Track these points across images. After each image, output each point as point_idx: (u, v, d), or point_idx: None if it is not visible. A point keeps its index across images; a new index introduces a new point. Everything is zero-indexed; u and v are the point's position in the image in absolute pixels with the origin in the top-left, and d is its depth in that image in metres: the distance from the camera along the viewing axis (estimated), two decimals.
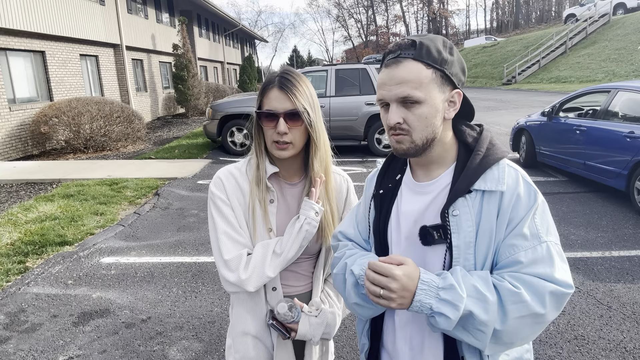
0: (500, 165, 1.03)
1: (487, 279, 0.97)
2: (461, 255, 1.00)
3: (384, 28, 61.71)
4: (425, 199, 1.08)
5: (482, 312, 0.93)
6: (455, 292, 0.93)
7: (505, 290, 0.95)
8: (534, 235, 0.98)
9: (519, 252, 0.98)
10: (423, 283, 0.94)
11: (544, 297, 0.95)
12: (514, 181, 1.02)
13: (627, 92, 5.74)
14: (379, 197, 1.17)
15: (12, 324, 3.28)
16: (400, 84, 0.99)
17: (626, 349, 2.81)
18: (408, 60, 0.99)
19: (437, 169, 1.09)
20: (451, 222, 1.00)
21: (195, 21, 23.16)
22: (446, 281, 0.95)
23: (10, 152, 9.64)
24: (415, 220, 1.07)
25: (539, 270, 0.96)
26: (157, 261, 4.36)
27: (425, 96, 0.99)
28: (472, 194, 1.01)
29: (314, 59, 65.64)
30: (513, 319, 0.94)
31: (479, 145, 1.06)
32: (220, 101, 10.57)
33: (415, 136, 1.01)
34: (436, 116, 1.01)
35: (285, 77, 1.29)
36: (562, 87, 21.13)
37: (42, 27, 10.58)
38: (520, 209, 0.99)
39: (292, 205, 1.39)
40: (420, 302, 0.94)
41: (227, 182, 1.36)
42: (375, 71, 9.37)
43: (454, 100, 1.04)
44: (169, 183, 7.33)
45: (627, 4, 28.35)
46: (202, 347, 2.98)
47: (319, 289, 1.43)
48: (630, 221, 5.06)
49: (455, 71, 1.02)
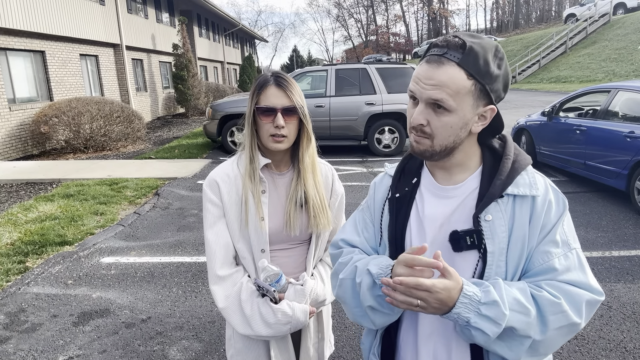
0: (529, 172, 1.01)
1: (526, 290, 0.94)
2: (494, 262, 0.96)
3: (384, 28, 61.67)
4: (451, 203, 1.04)
5: (524, 326, 0.90)
6: (498, 309, 0.89)
7: (545, 300, 0.92)
8: (564, 242, 0.97)
9: (553, 259, 0.96)
10: (465, 296, 0.89)
11: (581, 306, 0.93)
12: (544, 187, 1.00)
13: (627, 92, 5.74)
14: (394, 201, 1.10)
15: (12, 324, 3.28)
16: (435, 86, 0.93)
17: (626, 349, 2.81)
18: (452, 64, 0.93)
19: (460, 173, 1.05)
20: (484, 227, 0.97)
21: (195, 21, 23.15)
22: (489, 296, 0.90)
23: (10, 152, 9.64)
24: (442, 225, 1.03)
25: (573, 277, 0.95)
26: (157, 261, 4.36)
27: (457, 106, 0.94)
28: (504, 198, 0.98)
29: (314, 59, 65.67)
30: (553, 329, 0.92)
31: (508, 150, 1.03)
32: (220, 101, 10.56)
33: (435, 142, 0.98)
34: (462, 128, 0.97)
35: (280, 76, 1.40)
36: (562, 87, 21.12)
37: (42, 27, 10.58)
38: (552, 215, 0.98)
39: (282, 193, 1.47)
40: (458, 314, 0.90)
41: (222, 184, 1.43)
42: (375, 71, 9.37)
43: (485, 115, 1.00)
44: (169, 183, 7.33)
45: (627, 3, 28.33)
46: (202, 347, 2.98)
47: (309, 270, 1.51)
48: (630, 221, 5.05)
49: (496, 87, 0.97)
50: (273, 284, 1.37)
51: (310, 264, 1.51)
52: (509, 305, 0.90)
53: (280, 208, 1.45)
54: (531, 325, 0.91)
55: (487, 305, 0.89)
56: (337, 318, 3.26)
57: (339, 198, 1.56)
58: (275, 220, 1.44)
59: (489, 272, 0.97)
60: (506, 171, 0.99)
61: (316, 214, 1.44)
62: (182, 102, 18.03)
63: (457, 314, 0.90)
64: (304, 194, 1.43)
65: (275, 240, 1.44)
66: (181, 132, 14.10)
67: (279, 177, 1.48)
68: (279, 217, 1.44)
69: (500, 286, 0.92)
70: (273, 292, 1.37)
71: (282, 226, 1.44)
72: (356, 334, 3.09)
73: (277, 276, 1.38)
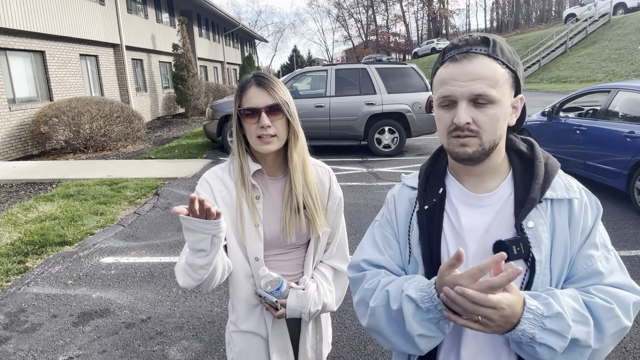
0: (561, 174, 0.99)
1: (578, 298, 0.90)
2: (541, 270, 0.92)
3: (384, 28, 61.67)
4: (487, 212, 0.99)
5: (585, 336, 0.86)
6: (563, 321, 0.84)
7: (599, 307, 0.88)
8: (602, 245, 0.95)
9: (596, 263, 0.93)
10: (529, 311, 0.84)
11: (629, 309, 0.91)
12: (577, 190, 0.98)
13: (627, 92, 5.74)
14: (424, 214, 1.03)
15: (12, 324, 3.28)
16: (475, 79, 0.90)
17: (626, 349, 2.81)
18: (481, 57, 0.91)
19: (491, 180, 1.01)
20: (529, 235, 0.93)
21: (195, 21, 23.15)
22: (551, 309, 0.85)
23: (10, 152, 9.64)
24: (482, 236, 0.97)
25: (617, 280, 0.93)
26: (157, 261, 4.36)
27: (500, 96, 0.92)
28: (542, 204, 0.95)
29: (314, 59, 65.67)
30: (608, 336, 0.88)
31: (538, 153, 1.00)
32: (220, 101, 10.56)
33: (485, 138, 0.93)
34: (505, 120, 0.95)
35: (260, 75, 1.37)
36: (562, 87, 21.13)
37: (42, 27, 10.58)
38: (589, 217, 0.96)
39: (277, 199, 1.44)
40: (522, 331, 0.83)
41: (213, 182, 1.41)
42: (375, 71, 9.37)
43: (516, 106, 0.99)
44: (168, 183, 7.33)
45: (627, 3, 28.34)
46: (202, 347, 2.98)
47: (309, 274, 1.49)
48: (630, 221, 5.05)
49: (521, 75, 0.98)
50: (274, 292, 1.35)
51: (310, 267, 1.48)
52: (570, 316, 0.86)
53: (275, 214, 1.42)
54: (591, 334, 0.87)
55: (550, 318, 0.84)
56: (337, 318, 3.26)
57: (337, 201, 1.52)
58: (271, 226, 1.41)
59: (536, 282, 0.92)
60: (542, 175, 0.97)
61: (311, 216, 1.41)
62: (182, 102, 18.03)
63: (522, 331, 0.83)
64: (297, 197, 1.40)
65: (271, 245, 1.42)
66: (181, 132, 14.10)
67: (273, 183, 1.44)
68: (275, 223, 1.41)
69: (558, 297, 0.87)
70: (275, 302, 1.35)
71: (279, 232, 1.41)
72: (356, 334, 3.09)
73: (279, 283, 1.36)
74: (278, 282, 1.36)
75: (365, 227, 5.05)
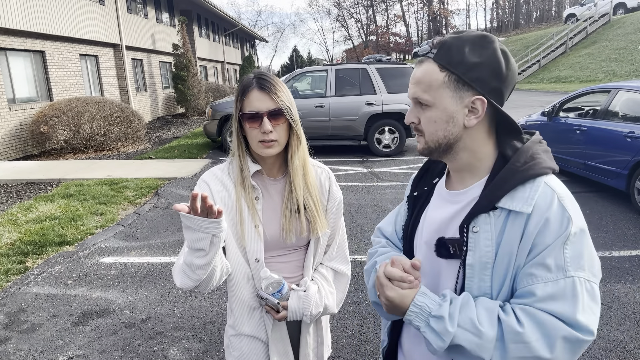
0: (536, 183, 0.91)
1: (493, 311, 0.89)
2: (476, 275, 0.93)
3: (384, 28, 61.67)
4: (452, 208, 1.01)
5: (473, 347, 0.87)
6: (443, 324, 0.89)
7: (507, 327, 0.87)
8: (559, 267, 0.87)
9: (536, 284, 0.88)
10: (415, 306, 0.93)
11: (554, 341, 0.84)
12: (546, 203, 0.89)
13: (627, 92, 5.74)
14: (413, 199, 1.15)
15: (12, 324, 3.28)
16: (414, 84, 0.98)
17: (626, 349, 2.81)
18: (428, 60, 0.96)
19: (470, 178, 1.01)
20: (470, 238, 0.93)
21: (195, 21, 23.16)
22: (440, 310, 0.90)
23: (10, 152, 9.64)
24: (438, 229, 1.02)
25: (554, 308, 0.86)
26: (157, 261, 4.36)
27: (433, 100, 0.94)
28: (497, 211, 0.92)
29: (314, 59, 65.64)
30: (513, 358, 0.86)
31: (516, 158, 0.94)
32: (220, 101, 10.56)
33: (427, 138, 0.99)
34: (449, 122, 0.95)
35: (262, 78, 1.33)
36: (562, 87, 21.13)
37: (42, 27, 10.58)
38: (547, 235, 0.87)
39: (277, 200, 1.42)
40: (410, 321, 0.94)
41: (212, 183, 1.40)
42: (375, 71, 9.37)
43: (475, 107, 0.94)
44: (168, 183, 7.33)
45: (627, 3, 28.35)
46: (202, 347, 2.98)
47: (309, 276, 1.47)
48: (630, 221, 5.05)
49: (477, 75, 0.92)
50: (275, 294, 1.34)
51: (310, 269, 1.47)
52: (460, 323, 0.88)
53: (275, 215, 1.40)
54: (483, 347, 0.87)
55: (435, 318, 0.90)
56: (337, 318, 3.26)
57: (337, 202, 1.51)
58: (271, 227, 1.39)
59: (469, 285, 0.94)
60: (501, 182, 0.92)
61: (312, 218, 1.40)
62: (182, 102, 18.03)
63: (409, 321, 0.94)
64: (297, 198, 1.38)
65: (271, 247, 1.41)
66: (181, 132, 14.10)
67: (273, 183, 1.43)
68: (275, 224, 1.40)
69: (457, 303, 0.91)
70: (277, 304, 1.34)
71: (279, 233, 1.39)
72: (356, 334, 3.09)
73: (280, 285, 1.34)
74: (279, 283, 1.34)
75: (366, 227, 5.06)
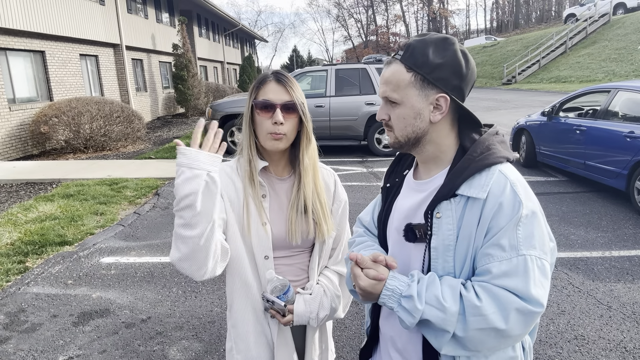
0: (491, 171, 1.00)
1: (456, 288, 0.98)
2: (439, 256, 1.03)
3: (384, 28, 61.68)
4: (418, 196, 1.10)
5: (439, 321, 0.96)
6: (412, 302, 0.98)
7: (467, 301, 0.96)
8: (512, 247, 0.95)
9: (492, 262, 0.96)
10: (387, 289, 1.01)
11: (508, 313, 0.93)
12: (499, 189, 0.98)
13: (627, 92, 5.74)
14: (386, 190, 1.23)
15: (12, 324, 3.28)
16: (384, 84, 1.06)
17: (626, 349, 2.81)
18: (396, 62, 1.04)
19: (434, 169, 1.10)
20: (434, 223, 1.03)
21: (195, 21, 23.16)
22: (409, 290, 0.99)
23: (10, 152, 9.64)
24: (406, 216, 1.11)
25: (508, 283, 0.94)
26: (157, 261, 4.36)
27: (401, 98, 1.03)
28: (457, 198, 1.01)
29: (314, 59, 65.60)
30: (473, 330, 0.95)
31: (473, 149, 1.03)
32: (220, 101, 10.56)
33: (396, 133, 1.07)
34: (416, 118, 1.04)
35: (280, 72, 1.38)
36: (562, 87, 21.12)
37: (42, 27, 10.58)
38: (500, 218, 0.96)
39: (283, 200, 1.41)
40: (383, 303, 1.02)
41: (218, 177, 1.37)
42: (375, 71, 9.38)
43: (440, 104, 1.02)
44: (168, 183, 7.33)
45: (627, 3, 28.33)
46: (202, 347, 2.98)
47: (314, 280, 1.45)
48: (630, 221, 5.05)
49: (440, 75, 1.00)
50: (281, 297, 1.32)
51: (315, 272, 1.45)
52: (426, 300, 0.97)
53: (281, 215, 1.39)
54: (447, 321, 0.96)
55: (405, 298, 0.99)
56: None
57: (342, 205, 1.51)
58: (277, 226, 1.38)
59: (435, 265, 1.03)
60: (460, 170, 1.01)
61: (318, 220, 1.39)
62: (182, 102, 18.03)
63: (383, 303, 1.02)
64: (305, 200, 1.37)
65: (276, 246, 1.39)
66: (181, 132, 14.10)
67: (280, 183, 1.42)
68: (281, 223, 1.38)
69: (423, 282, 1.00)
70: (283, 307, 1.31)
71: (285, 233, 1.38)
72: (356, 334, 3.09)
73: (285, 287, 1.32)
74: (285, 286, 1.32)
75: None
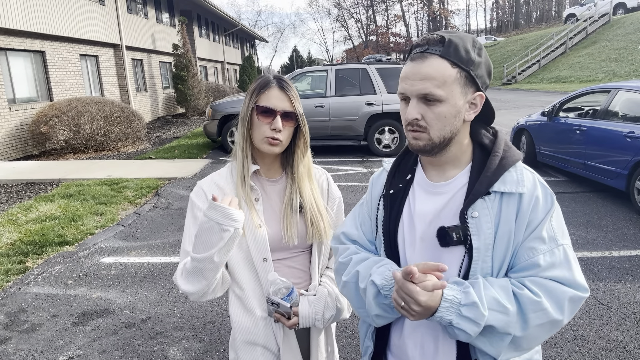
0: (518, 168, 1.03)
1: (508, 288, 0.96)
2: (480, 257, 0.99)
3: (384, 28, 61.67)
4: (440, 199, 1.06)
5: (503, 325, 0.94)
6: (477, 310, 0.93)
7: (525, 298, 0.95)
8: (551, 238, 0.98)
9: (537, 255, 0.97)
10: (446, 301, 0.94)
11: (563, 304, 0.95)
12: (532, 184, 1.01)
13: (627, 92, 5.74)
14: (389, 197, 1.15)
15: (12, 324, 3.28)
16: (423, 79, 0.98)
17: (626, 349, 2.81)
18: (434, 56, 0.98)
19: (451, 170, 1.08)
20: (470, 223, 0.99)
21: (195, 21, 23.15)
22: (468, 297, 0.94)
23: (10, 152, 9.64)
24: (431, 221, 1.06)
25: (557, 274, 0.96)
26: (157, 261, 4.36)
27: (447, 95, 0.98)
28: (490, 195, 1.00)
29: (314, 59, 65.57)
30: (533, 326, 0.95)
31: (497, 147, 1.05)
32: (220, 101, 10.57)
33: (432, 134, 1.01)
34: (456, 116, 1.00)
35: (282, 79, 1.37)
36: (562, 87, 21.12)
37: (42, 27, 10.58)
38: (538, 211, 0.99)
39: (276, 202, 1.42)
40: (441, 317, 0.95)
41: (209, 191, 1.39)
42: (375, 71, 9.37)
43: (475, 103, 1.03)
44: (169, 183, 7.33)
45: (627, 3, 28.33)
46: (202, 347, 2.98)
47: (316, 281, 1.45)
48: (630, 221, 5.05)
49: (480, 73, 1.01)
50: (285, 298, 1.30)
51: (316, 272, 1.44)
52: (487, 305, 0.93)
53: (275, 216, 1.40)
54: (510, 323, 0.94)
55: (467, 307, 0.93)
56: None
57: (337, 202, 1.52)
58: (272, 228, 1.38)
59: (474, 268, 1.00)
60: (493, 168, 1.01)
61: (314, 221, 1.40)
62: (182, 102, 18.03)
63: (440, 317, 0.94)
64: (300, 201, 1.38)
65: (273, 248, 1.38)
66: (181, 132, 14.10)
67: (271, 185, 1.43)
68: (276, 225, 1.39)
69: (479, 286, 0.96)
70: (288, 308, 1.29)
71: (280, 234, 1.38)
72: (356, 334, 3.09)
73: (289, 289, 1.31)
74: (288, 288, 1.31)
75: None
